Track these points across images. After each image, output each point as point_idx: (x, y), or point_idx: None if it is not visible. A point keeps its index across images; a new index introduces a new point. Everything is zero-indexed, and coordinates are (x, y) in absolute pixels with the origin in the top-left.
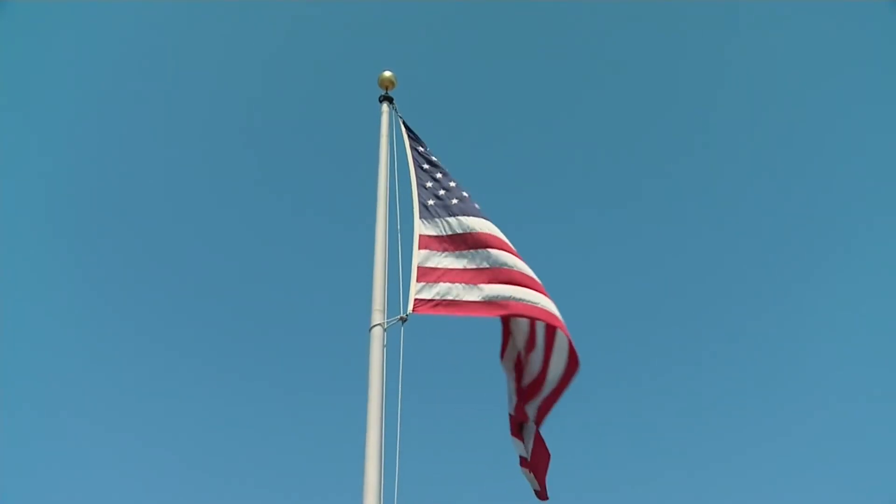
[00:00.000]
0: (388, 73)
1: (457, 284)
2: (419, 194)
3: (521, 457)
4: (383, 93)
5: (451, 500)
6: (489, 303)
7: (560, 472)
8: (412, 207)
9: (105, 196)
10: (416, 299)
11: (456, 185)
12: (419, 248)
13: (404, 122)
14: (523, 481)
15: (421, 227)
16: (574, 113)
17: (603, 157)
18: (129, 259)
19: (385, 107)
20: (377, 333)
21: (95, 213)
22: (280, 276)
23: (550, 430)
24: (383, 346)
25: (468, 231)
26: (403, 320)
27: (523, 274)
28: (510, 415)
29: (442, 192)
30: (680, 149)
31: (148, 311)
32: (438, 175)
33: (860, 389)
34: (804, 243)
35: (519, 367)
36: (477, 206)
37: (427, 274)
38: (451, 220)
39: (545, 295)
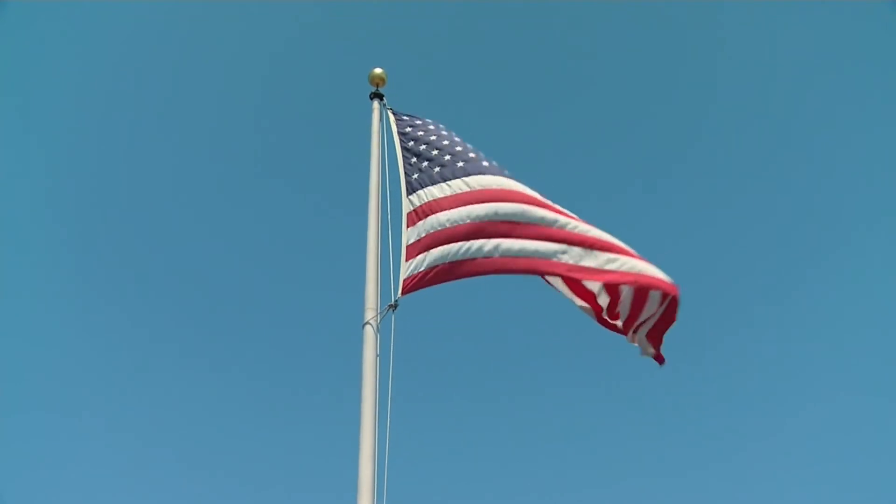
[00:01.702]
0: (378, 70)
1: (443, 247)
2: (406, 173)
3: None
4: (374, 90)
5: (448, 496)
6: (483, 260)
7: (558, 471)
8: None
9: (102, 195)
10: (404, 280)
11: (447, 148)
12: (407, 227)
13: (394, 113)
14: (519, 478)
15: (408, 206)
16: (567, 111)
17: (596, 155)
18: (122, 258)
19: (376, 104)
20: (370, 331)
21: (92, 211)
22: (273, 272)
23: (547, 429)
24: (376, 343)
25: (457, 192)
26: (394, 308)
27: (517, 224)
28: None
29: (425, 163)
30: (674, 148)
31: (141, 309)
32: (422, 147)
33: (858, 388)
34: (801, 242)
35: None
36: (482, 163)
37: (414, 248)
38: (434, 188)
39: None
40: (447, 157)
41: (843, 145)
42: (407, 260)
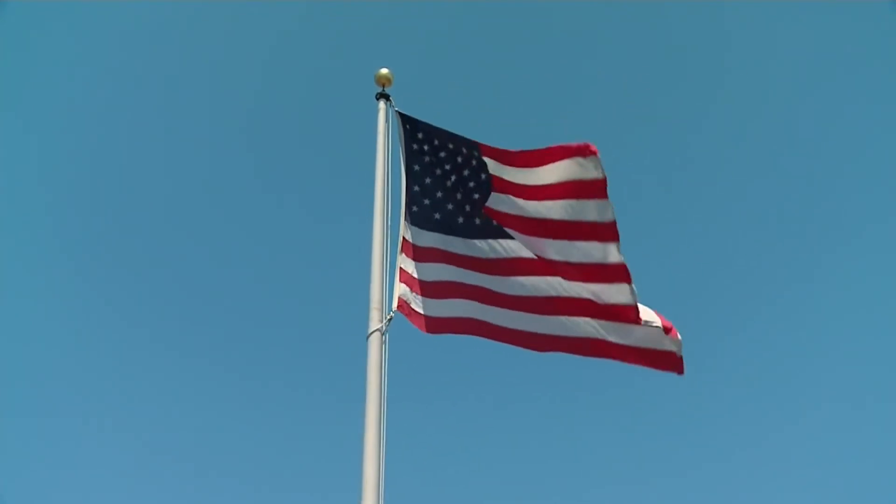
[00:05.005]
0: (384, 71)
1: (428, 299)
2: (407, 195)
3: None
4: (380, 90)
5: (451, 498)
6: (457, 319)
7: (559, 472)
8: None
9: (103, 197)
10: (399, 298)
11: (449, 189)
12: (400, 251)
13: (403, 118)
14: (521, 480)
15: (406, 231)
16: (571, 111)
17: (602, 156)
18: (125, 260)
19: (382, 104)
20: (375, 338)
21: (93, 213)
22: (278, 277)
23: (548, 431)
24: (381, 350)
25: (458, 252)
26: (390, 320)
27: (492, 292)
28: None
29: (427, 201)
30: (676, 148)
31: (144, 313)
32: (428, 181)
33: (856, 390)
34: (802, 243)
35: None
36: (479, 216)
37: (409, 279)
38: (433, 235)
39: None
40: (449, 206)
41: (843, 145)
42: (401, 281)
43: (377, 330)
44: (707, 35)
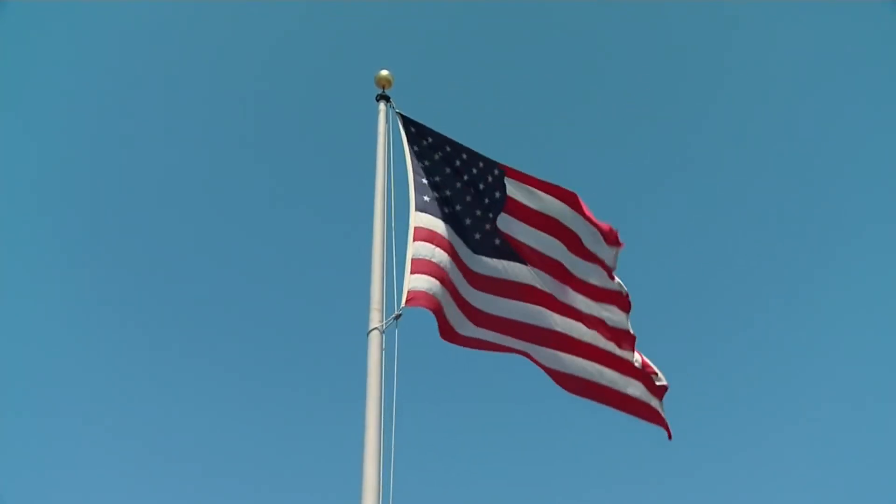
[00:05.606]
0: (384, 72)
1: (451, 303)
2: (416, 187)
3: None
4: (380, 91)
5: (452, 500)
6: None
7: (561, 473)
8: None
9: (103, 197)
10: (409, 291)
11: (449, 202)
12: (414, 240)
13: (407, 121)
14: (523, 480)
15: (417, 219)
16: (571, 111)
17: (602, 156)
18: (125, 261)
19: (382, 106)
20: (375, 336)
21: (93, 214)
22: (279, 277)
23: (550, 431)
24: (381, 349)
25: (469, 266)
26: (398, 317)
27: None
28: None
29: (436, 195)
30: (678, 149)
31: (144, 313)
32: (438, 178)
33: (856, 390)
34: (802, 244)
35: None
36: (494, 240)
37: (422, 266)
38: (448, 234)
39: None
40: (445, 212)
41: (843, 145)
42: (412, 272)
43: (376, 329)
44: (707, 35)
